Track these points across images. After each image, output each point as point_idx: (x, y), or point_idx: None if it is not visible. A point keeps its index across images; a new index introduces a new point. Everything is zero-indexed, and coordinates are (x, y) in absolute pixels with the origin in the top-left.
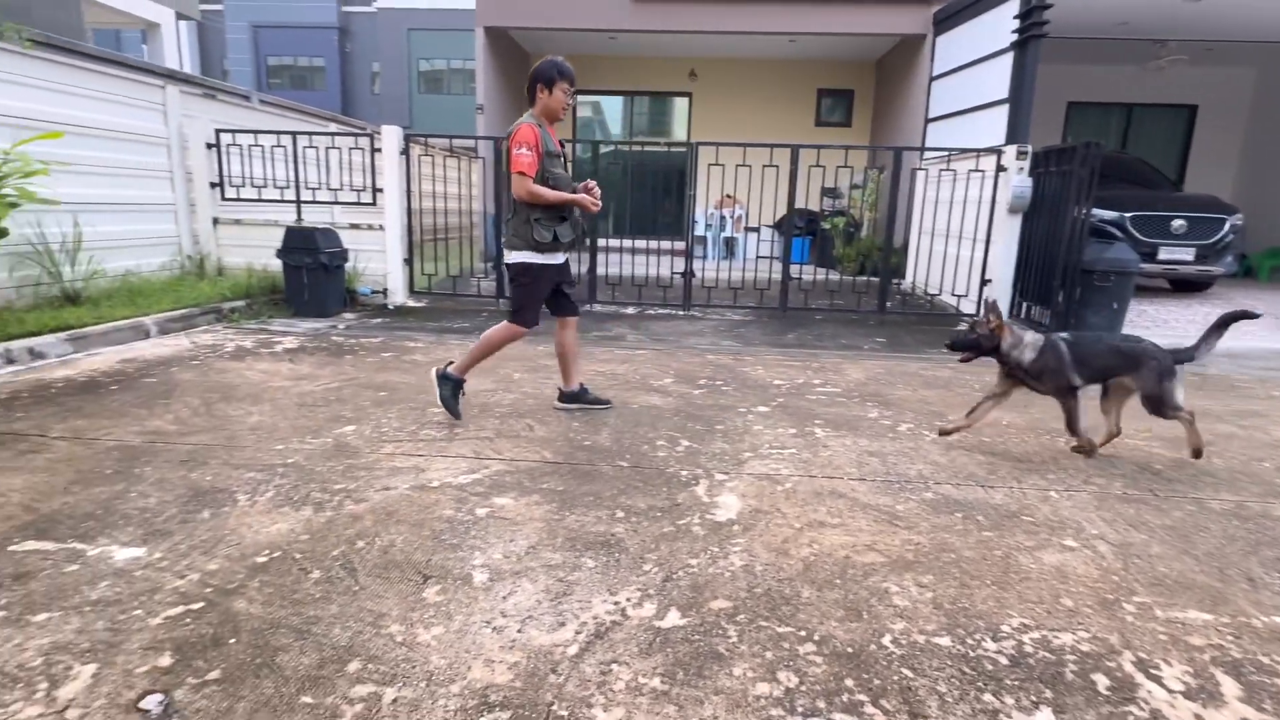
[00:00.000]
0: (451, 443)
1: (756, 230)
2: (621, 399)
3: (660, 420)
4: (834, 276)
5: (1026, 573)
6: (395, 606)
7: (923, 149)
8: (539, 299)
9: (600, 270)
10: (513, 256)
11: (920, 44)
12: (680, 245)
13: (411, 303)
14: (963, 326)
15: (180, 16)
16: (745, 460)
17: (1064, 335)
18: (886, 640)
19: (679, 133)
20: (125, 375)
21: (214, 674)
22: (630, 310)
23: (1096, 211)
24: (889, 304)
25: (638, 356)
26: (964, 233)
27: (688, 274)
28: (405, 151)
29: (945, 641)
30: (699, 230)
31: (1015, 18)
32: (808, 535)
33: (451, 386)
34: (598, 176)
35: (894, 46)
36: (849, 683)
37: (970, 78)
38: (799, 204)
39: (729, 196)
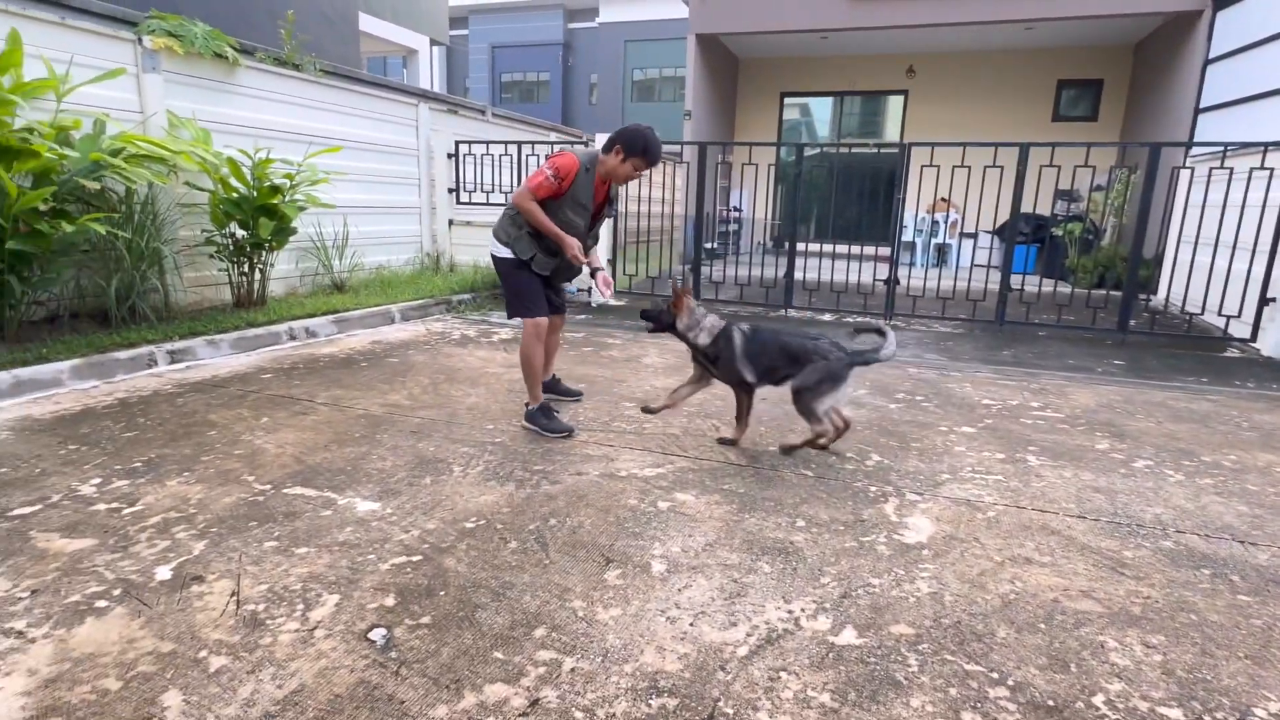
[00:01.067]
0: (640, 436)
1: (973, 236)
2: None
3: (850, 432)
4: (1064, 289)
5: None
6: (579, 583)
7: (1189, 144)
8: (532, 286)
9: (798, 275)
10: (496, 250)
11: (1194, 22)
12: (885, 251)
13: (612, 301)
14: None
15: (434, 43)
16: (942, 482)
17: (743, 326)
18: (1098, 700)
19: (891, 133)
20: (373, 354)
21: (426, 619)
22: (827, 317)
23: None
24: (1133, 322)
25: None
26: (1240, 242)
27: (891, 281)
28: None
29: (1175, 714)
30: (907, 236)
31: None
32: (1009, 571)
33: (542, 413)
34: (800, 180)
35: (1159, 27)
36: None
37: (1260, 58)
38: (1026, 208)
39: (943, 200)
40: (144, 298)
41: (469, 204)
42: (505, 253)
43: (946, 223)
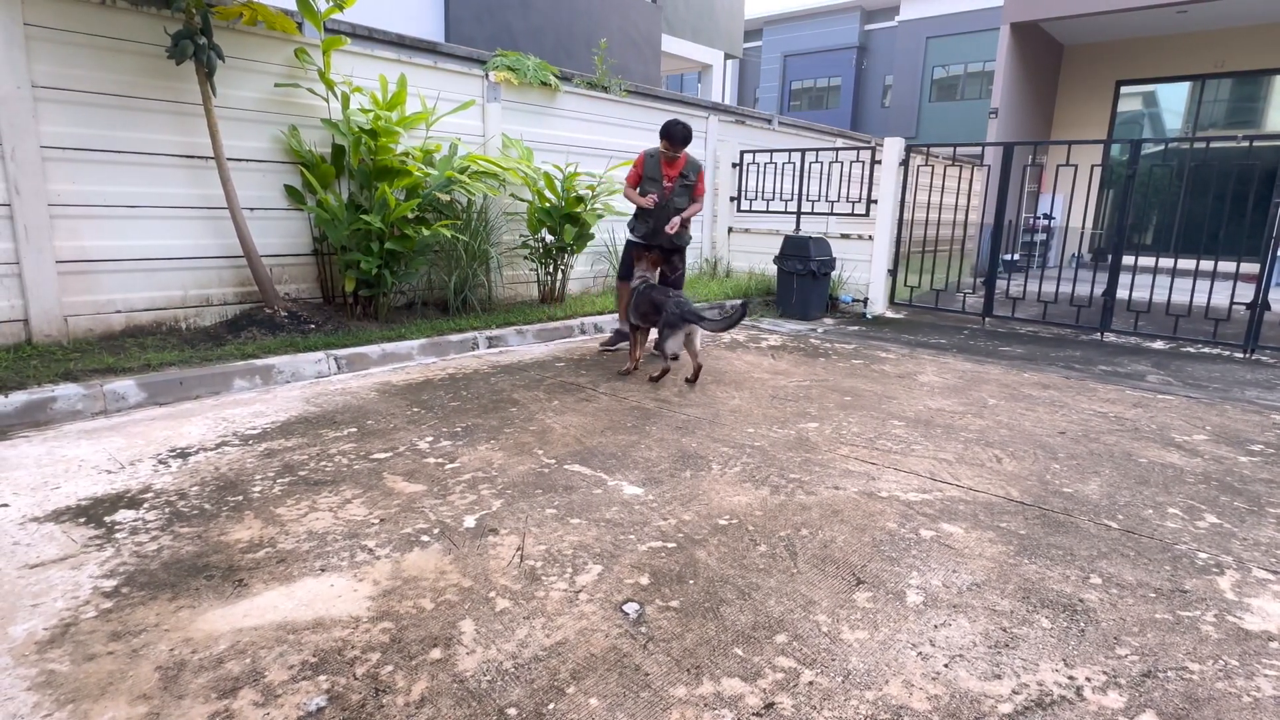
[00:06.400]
0: (907, 457)
1: None
2: (1125, 449)
3: (1177, 484)
4: None
5: None
6: (825, 598)
7: None
8: (628, 260)
9: (1121, 293)
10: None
11: None
12: (1251, 268)
13: (889, 313)
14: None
15: (728, 57)
16: None
17: (642, 287)
18: None
19: (1275, 122)
20: (649, 353)
21: (674, 602)
22: (1158, 345)
23: None
24: None
25: (1157, 402)
26: None
27: (1259, 304)
28: (904, 163)
29: None
30: None
31: None
32: None
33: (616, 333)
34: (1136, 180)
35: None
36: None
37: None
38: None
39: None
40: (473, 291)
41: (749, 212)
42: (627, 235)
43: None
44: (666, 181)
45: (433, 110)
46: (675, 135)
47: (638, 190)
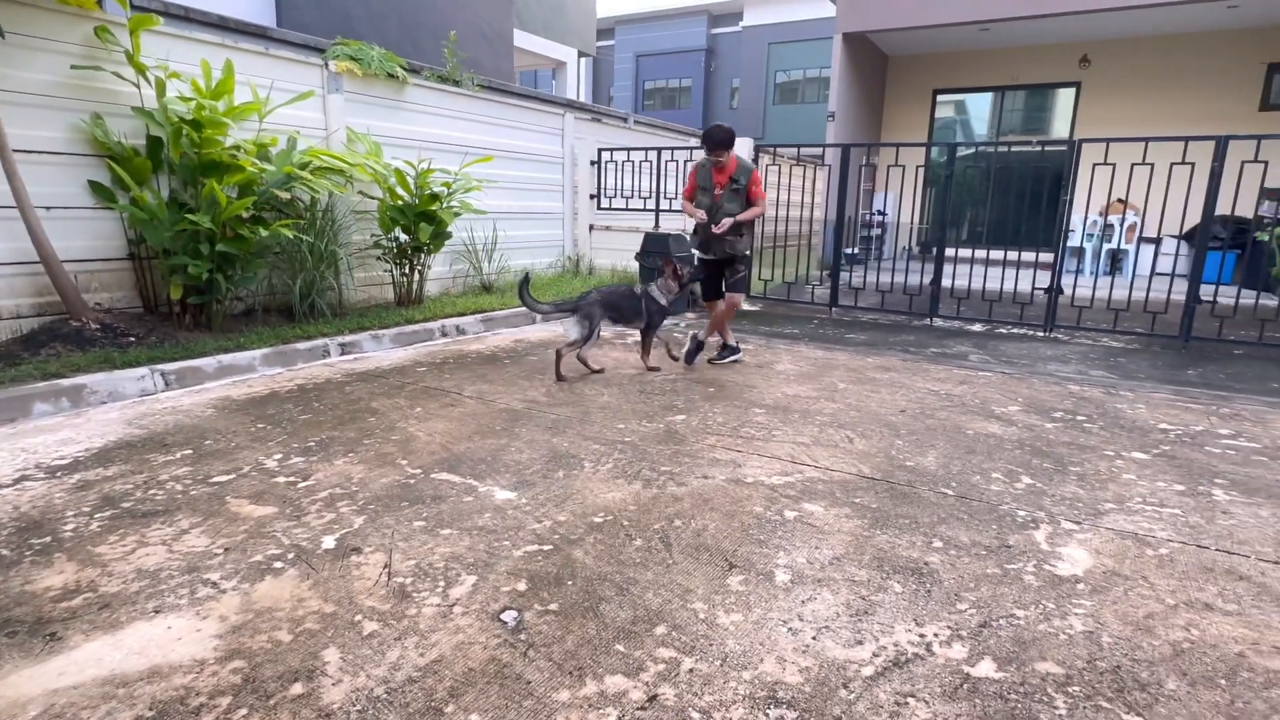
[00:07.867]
0: (769, 443)
1: (1155, 242)
2: (955, 422)
3: (998, 451)
4: (1269, 302)
5: None
6: (701, 585)
7: None
8: (707, 282)
9: (945, 282)
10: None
11: None
12: (1047, 257)
13: (746, 306)
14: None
15: (581, 54)
16: (1105, 511)
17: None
18: None
19: (1059, 129)
20: (516, 352)
21: (554, 605)
22: (976, 327)
23: None
24: None
25: (979, 378)
26: None
27: (1053, 289)
28: (754, 162)
29: None
30: (1074, 241)
31: None
32: (1184, 616)
33: (726, 349)
34: (953, 180)
35: None
36: None
37: None
38: (1223, 210)
39: (1119, 201)
40: (322, 295)
41: (609, 209)
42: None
43: (1122, 226)
44: (717, 189)
45: (266, 101)
46: (710, 139)
47: (694, 203)
